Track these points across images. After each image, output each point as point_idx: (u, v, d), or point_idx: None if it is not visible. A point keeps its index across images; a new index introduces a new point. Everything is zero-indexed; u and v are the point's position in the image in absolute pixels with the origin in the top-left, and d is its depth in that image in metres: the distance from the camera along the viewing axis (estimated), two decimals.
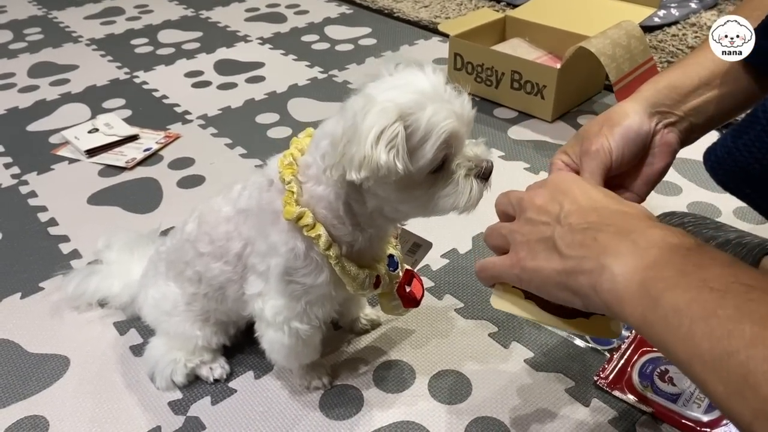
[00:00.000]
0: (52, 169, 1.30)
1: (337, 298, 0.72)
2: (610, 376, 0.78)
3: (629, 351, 0.81)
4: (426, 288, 0.83)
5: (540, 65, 1.36)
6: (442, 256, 1.01)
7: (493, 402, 0.77)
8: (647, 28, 1.68)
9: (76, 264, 1.03)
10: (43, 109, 1.55)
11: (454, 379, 0.81)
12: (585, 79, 1.43)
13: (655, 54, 1.48)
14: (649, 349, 0.81)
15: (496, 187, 0.64)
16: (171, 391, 0.81)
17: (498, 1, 2.02)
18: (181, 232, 0.78)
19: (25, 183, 1.26)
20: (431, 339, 0.87)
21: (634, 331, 0.83)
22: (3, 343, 0.90)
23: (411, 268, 0.79)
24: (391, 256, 0.73)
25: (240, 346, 0.86)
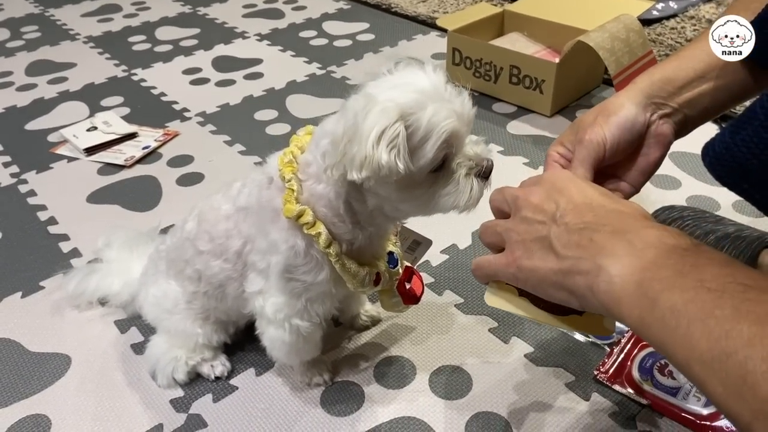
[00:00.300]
0: (51, 168, 1.30)
1: (338, 296, 0.72)
2: (610, 371, 0.79)
3: (629, 345, 0.81)
4: (426, 284, 0.84)
5: (539, 60, 1.36)
6: (441, 251, 1.01)
7: (494, 397, 0.78)
8: (646, 21, 1.68)
9: (76, 263, 1.04)
10: (42, 108, 1.55)
11: (454, 375, 0.81)
12: (584, 74, 1.43)
13: (654, 47, 1.48)
14: None
15: (495, 183, 0.64)
16: (172, 389, 0.81)
17: None
18: (181, 231, 0.78)
19: (25, 182, 1.26)
20: (431, 335, 0.87)
21: None
22: (4, 342, 0.90)
23: (411, 265, 0.79)
24: (391, 254, 0.74)
25: (241, 343, 0.86)
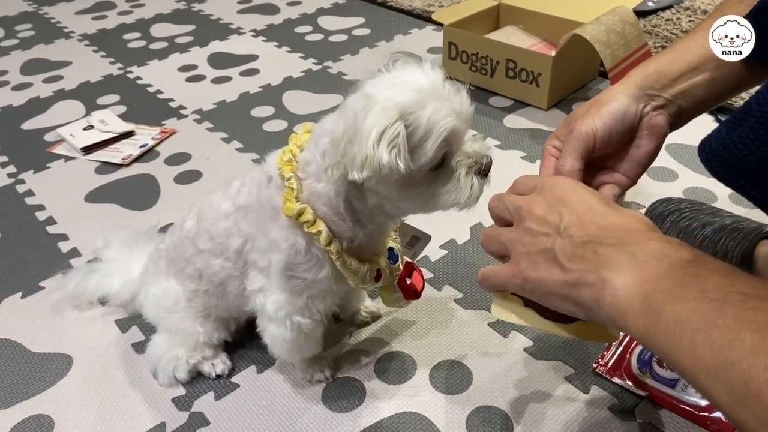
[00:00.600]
0: (49, 168, 1.30)
1: (338, 292, 0.73)
2: (609, 363, 0.79)
3: (628, 338, 0.82)
4: (425, 279, 0.84)
5: (535, 53, 1.36)
6: (440, 247, 1.01)
7: (494, 391, 0.78)
8: (641, 13, 1.68)
9: (75, 262, 1.04)
10: (37, 107, 1.54)
11: (454, 369, 0.82)
12: (580, 66, 1.43)
13: (649, 39, 1.48)
14: None
15: (492, 177, 0.65)
16: (174, 388, 0.82)
17: None
18: (181, 230, 0.78)
19: (22, 182, 1.26)
20: (431, 330, 0.87)
21: None
22: (5, 343, 0.90)
23: (411, 261, 0.80)
24: (391, 249, 0.74)
25: (242, 341, 0.86)
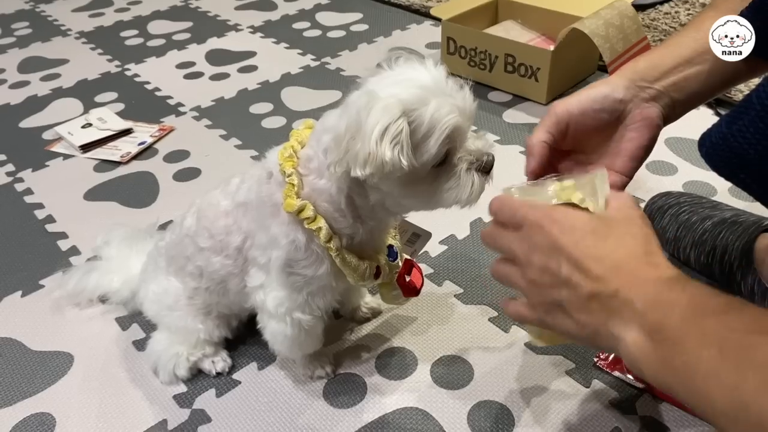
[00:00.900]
0: (47, 166, 1.30)
1: (338, 289, 0.73)
2: (610, 357, 0.79)
3: None
4: (425, 275, 0.84)
5: (533, 48, 1.35)
6: (440, 242, 1.01)
7: (495, 386, 0.78)
8: (640, 7, 1.67)
9: (75, 260, 1.04)
10: (35, 105, 1.54)
11: (455, 364, 0.82)
12: (579, 61, 1.42)
13: (648, 33, 1.48)
14: None
15: (494, 172, 0.64)
16: (175, 385, 0.82)
17: None
18: (180, 227, 0.78)
19: (21, 180, 1.26)
20: (432, 325, 0.87)
21: None
22: (6, 342, 0.90)
23: (410, 258, 0.80)
24: (390, 247, 0.74)
25: (242, 337, 0.86)
